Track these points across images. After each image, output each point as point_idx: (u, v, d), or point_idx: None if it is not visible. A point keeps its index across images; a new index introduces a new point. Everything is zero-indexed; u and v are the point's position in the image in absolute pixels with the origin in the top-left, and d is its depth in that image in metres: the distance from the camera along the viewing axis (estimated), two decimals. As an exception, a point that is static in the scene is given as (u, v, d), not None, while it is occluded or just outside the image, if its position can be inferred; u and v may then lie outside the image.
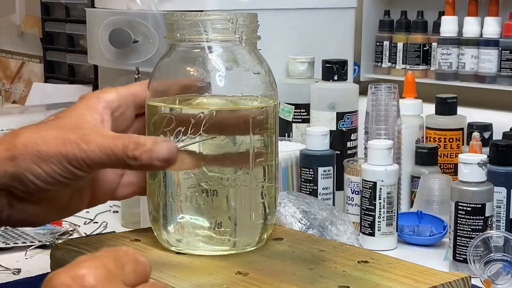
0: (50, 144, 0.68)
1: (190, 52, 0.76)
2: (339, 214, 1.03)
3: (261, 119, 0.75)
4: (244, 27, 0.75)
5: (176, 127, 0.73)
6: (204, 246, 0.75)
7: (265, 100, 0.76)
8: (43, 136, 0.68)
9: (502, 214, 1.06)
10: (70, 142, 0.67)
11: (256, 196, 0.76)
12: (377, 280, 0.69)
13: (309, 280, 0.69)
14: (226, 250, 0.75)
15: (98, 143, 0.67)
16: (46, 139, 0.68)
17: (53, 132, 0.68)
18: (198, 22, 0.74)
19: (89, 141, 0.67)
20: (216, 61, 0.75)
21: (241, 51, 0.76)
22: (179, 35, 0.75)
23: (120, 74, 1.56)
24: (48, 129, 0.69)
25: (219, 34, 0.75)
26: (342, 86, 1.31)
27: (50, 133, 0.68)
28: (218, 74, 0.75)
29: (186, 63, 0.77)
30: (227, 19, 0.74)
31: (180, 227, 0.75)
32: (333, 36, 1.57)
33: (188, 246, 0.75)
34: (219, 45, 0.75)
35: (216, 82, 0.75)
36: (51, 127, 0.69)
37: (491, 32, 1.46)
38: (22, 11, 2.35)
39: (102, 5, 1.59)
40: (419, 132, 1.31)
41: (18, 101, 2.29)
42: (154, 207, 0.77)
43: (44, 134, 0.68)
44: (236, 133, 0.74)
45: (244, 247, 0.76)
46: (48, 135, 0.68)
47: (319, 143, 1.18)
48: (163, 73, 0.77)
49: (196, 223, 0.75)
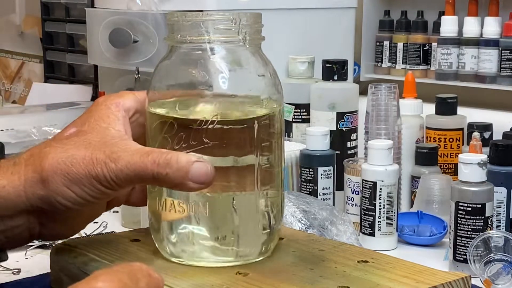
0: (79, 165, 0.66)
1: (191, 54, 0.73)
2: (339, 214, 1.03)
3: (266, 124, 0.72)
4: (248, 28, 0.73)
5: (177, 133, 0.71)
6: (208, 257, 0.73)
7: (270, 104, 0.73)
8: (71, 156, 0.67)
9: (502, 214, 1.06)
10: (98, 162, 0.66)
11: (260, 205, 0.73)
12: (377, 280, 0.69)
13: (309, 280, 0.69)
14: (230, 262, 0.73)
15: (127, 161, 0.66)
16: (74, 160, 0.67)
17: (80, 152, 0.67)
18: (200, 22, 0.71)
19: (117, 159, 0.66)
20: (219, 63, 0.72)
21: (244, 52, 0.73)
22: (179, 36, 0.73)
23: (120, 74, 1.56)
24: (75, 148, 0.68)
25: (221, 35, 0.72)
26: (342, 86, 1.31)
27: (77, 153, 0.67)
28: (221, 77, 0.72)
29: (187, 65, 0.74)
30: (230, 19, 0.72)
31: (183, 238, 0.73)
32: (333, 36, 1.57)
33: (191, 257, 0.73)
34: (222, 47, 0.72)
35: (218, 85, 0.72)
36: (78, 146, 0.68)
37: (491, 32, 1.46)
38: (22, 11, 2.35)
39: (102, 5, 1.59)
40: (419, 132, 1.31)
41: (18, 101, 2.28)
42: (155, 217, 0.74)
43: (72, 154, 0.67)
44: (240, 138, 0.71)
45: (247, 258, 0.73)
46: (76, 156, 0.67)
47: (319, 143, 1.18)
48: (163, 75, 0.75)
49: (199, 233, 0.72)
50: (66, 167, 0.67)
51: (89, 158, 0.67)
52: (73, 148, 0.68)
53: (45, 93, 2.08)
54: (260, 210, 0.73)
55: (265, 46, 0.76)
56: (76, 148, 0.68)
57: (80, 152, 0.67)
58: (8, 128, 1.58)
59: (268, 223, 0.74)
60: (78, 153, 0.67)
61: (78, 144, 0.68)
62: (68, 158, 0.67)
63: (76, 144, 0.68)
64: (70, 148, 0.68)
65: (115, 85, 1.58)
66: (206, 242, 0.72)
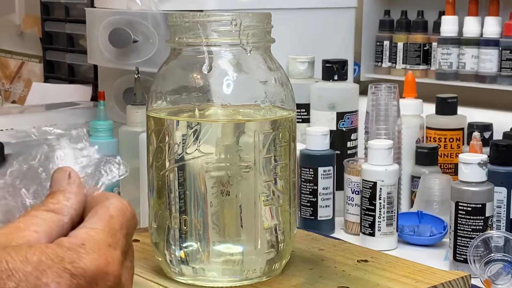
0: None
1: (190, 57, 0.71)
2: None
3: (269, 133, 0.68)
4: (251, 29, 0.69)
5: (173, 141, 0.68)
6: (214, 276, 0.69)
7: (274, 111, 0.70)
8: None
9: (503, 214, 1.06)
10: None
11: (264, 220, 0.69)
12: (376, 280, 0.69)
13: (309, 280, 0.69)
14: (236, 281, 0.69)
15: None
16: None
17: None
18: (197, 24, 0.69)
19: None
20: (219, 68, 0.69)
21: (245, 56, 0.70)
22: (177, 38, 0.70)
23: (120, 74, 1.56)
24: None
25: (219, 38, 0.69)
26: (342, 86, 1.31)
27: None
28: (219, 83, 0.69)
29: (185, 70, 0.71)
30: (229, 21, 0.68)
31: (190, 255, 0.70)
32: (333, 36, 1.57)
33: (196, 275, 0.70)
34: (221, 50, 0.69)
35: (217, 91, 0.69)
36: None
37: (491, 32, 1.46)
38: (21, 11, 2.35)
39: (102, 5, 1.58)
40: (419, 132, 1.31)
41: (18, 101, 2.28)
42: (158, 232, 0.71)
43: None
44: (238, 147, 0.68)
45: (252, 277, 0.70)
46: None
47: (319, 143, 1.18)
48: (165, 79, 0.72)
49: (206, 249, 0.69)
50: None
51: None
52: None
53: (44, 93, 2.08)
54: (267, 226, 0.70)
55: (265, 46, 0.74)
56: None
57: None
58: (8, 128, 1.58)
59: (275, 240, 0.70)
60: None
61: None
62: None
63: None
64: None
65: (115, 85, 1.58)
66: (215, 259, 0.69)
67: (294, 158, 0.72)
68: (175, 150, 0.69)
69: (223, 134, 0.69)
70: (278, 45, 1.57)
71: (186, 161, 0.69)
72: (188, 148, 0.68)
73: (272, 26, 0.72)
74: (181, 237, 0.70)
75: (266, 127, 0.69)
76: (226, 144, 0.68)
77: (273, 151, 0.69)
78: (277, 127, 0.69)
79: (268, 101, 0.70)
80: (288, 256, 0.72)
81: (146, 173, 0.74)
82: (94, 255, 0.45)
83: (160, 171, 0.70)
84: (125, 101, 1.50)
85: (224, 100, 0.70)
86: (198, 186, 0.69)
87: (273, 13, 0.74)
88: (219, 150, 0.68)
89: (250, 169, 0.68)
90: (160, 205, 0.71)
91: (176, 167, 0.69)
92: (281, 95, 0.71)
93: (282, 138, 0.70)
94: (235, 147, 0.68)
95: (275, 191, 0.70)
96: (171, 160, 0.69)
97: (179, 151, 0.69)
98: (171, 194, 0.70)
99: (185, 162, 0.69)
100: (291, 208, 0.72)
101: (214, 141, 0.68)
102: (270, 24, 0.73)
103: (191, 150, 0.68)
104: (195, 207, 0.69)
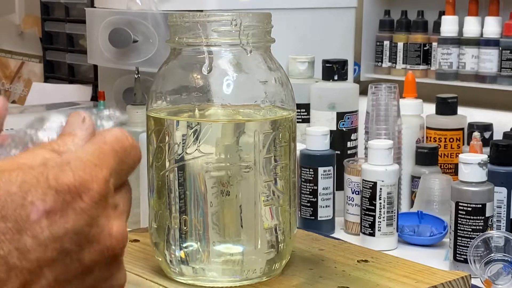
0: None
1: (190, 57, 0.71)
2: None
3: (268, 133, 0.69)
4: (251, 29, 0.69)
5: (173, 141, 0.69)
6: (214, 277, 0.70)
7: (273, 111, 0.70)
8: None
9: (503, 214, 1.06)
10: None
11: (264, 220, 0.69)
12: (376, 280, 0.69)
13: (309, 280, 0.69)
14: (236, 281, 0.70)
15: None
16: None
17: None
18: (197, 24, 0.69)
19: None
20: (219, 68, 0.70)
21: (245, 56, 0.70)
22: (177, 38, 0.70)
23: (120, 74, 1.56)
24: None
25: (219, 38, 0.69)
26: (342, 86, 1.31)
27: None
28: (219, 83, 0.69)
29: (186, 70, 0.71)
30: (229, 21, 0.69)
31: (190, 255, 0.70)
32: (333, 36, 1.57)
33: (196, 275, 0.70)
34: (221, 50, 0.69)
35: (217, 91, 0.69)
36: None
37: (491, 32, 1.46)
38: (21, 10, 2.35)
39: (102, 5, 1.58)
40: (419, 132, 1.31)
41: (18, 101, 2.28)
42: (158, 232, 0.71)
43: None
44: (238, 147, 0.68)
45: (252, 278, 0.70)
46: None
47: (319, 143, 1.18)
48: (165, 79, 0.73)
49: (206, 249, 0.69)
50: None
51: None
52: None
53: (44, 93, 2.08)
54: (267, 226, 0.70)
55: (265, 46, 0.74)
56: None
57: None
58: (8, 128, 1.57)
59: (275, 239, 0.70)
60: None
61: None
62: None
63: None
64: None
65: (115, 85, 1.58)
66: (215, 259, 0.69)
67: (294, 158, 0.72)
68: (175, 150, 0.69)
69: (223, 134, 0.69)
70: (278, 45, 1.56)
71: (186, 161, 0.69)
72: (188, 148, 0.68)
73: (272, 26, 0.73)
74: (181, 237, 0.70)
75: (266, 127, 0.69)
76: (226, 144, 0.68)
77: (273, 151, 0.69)
78: (277, 127, 0.70)
79: (268, 101, 0.70)
80: (288, 256, 0.72)
81: (146, 173, 0.74)
82: (79, 172, 0.44)
83: (160, 171, 0.70)
84: (125, 101, 1.50)
85: (224, 100, 0.70)
86: (198, 186, 0.69)
87: (273, 13, 0.74)
88: (219, 150, 0.68)
89: (250, 169, 0.68)
90: (160, 205, 0.71)
91: (176, 167, 0.69)
92: (281, 95, 0.71)
93: (282, 138, 0.70)
94: (235, 147, 0.68)
95: (275, 191, 0.70)
96: (171, 160, 0.69)
97: (179, 151, 0.69)
98: (171, 194, 0.70)
99: (185, 162, 0.69)
100: (291, 208, 0.72)
101: (214, 141, 0.68)
102: (270, 24, 0.73)
103: (191, 150, 0.68)
104: (195, 207, 0.69)
